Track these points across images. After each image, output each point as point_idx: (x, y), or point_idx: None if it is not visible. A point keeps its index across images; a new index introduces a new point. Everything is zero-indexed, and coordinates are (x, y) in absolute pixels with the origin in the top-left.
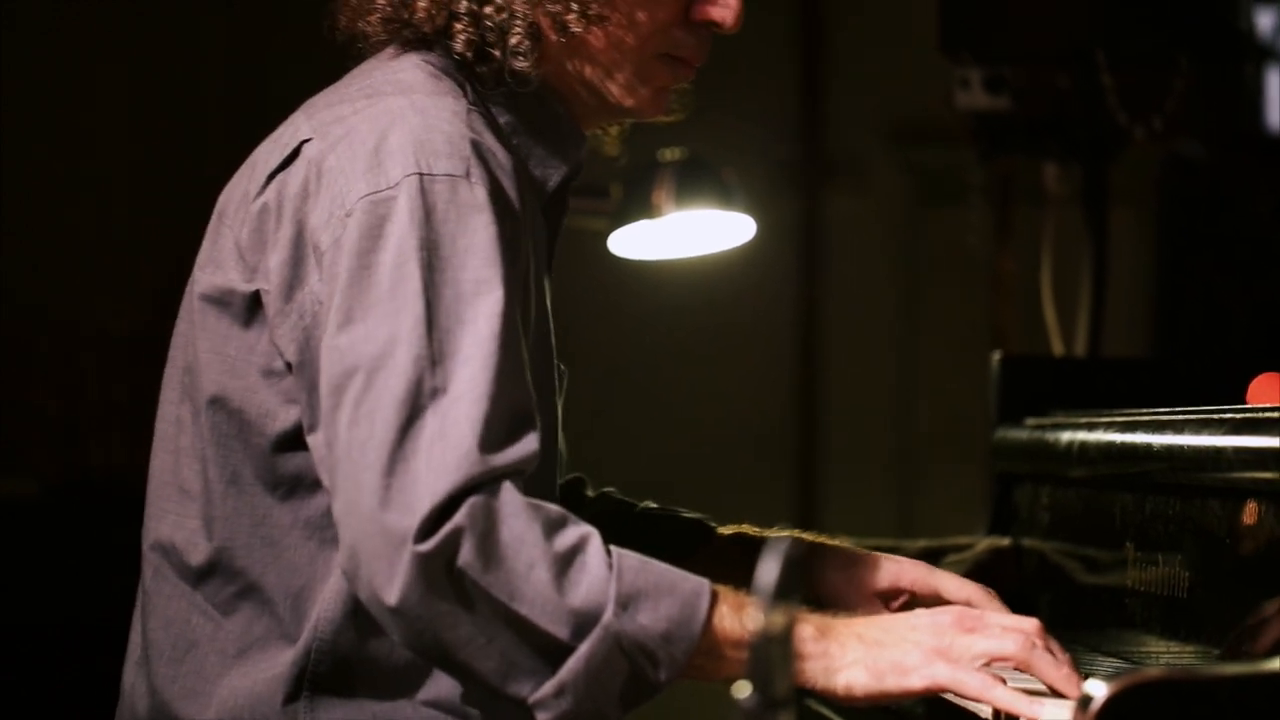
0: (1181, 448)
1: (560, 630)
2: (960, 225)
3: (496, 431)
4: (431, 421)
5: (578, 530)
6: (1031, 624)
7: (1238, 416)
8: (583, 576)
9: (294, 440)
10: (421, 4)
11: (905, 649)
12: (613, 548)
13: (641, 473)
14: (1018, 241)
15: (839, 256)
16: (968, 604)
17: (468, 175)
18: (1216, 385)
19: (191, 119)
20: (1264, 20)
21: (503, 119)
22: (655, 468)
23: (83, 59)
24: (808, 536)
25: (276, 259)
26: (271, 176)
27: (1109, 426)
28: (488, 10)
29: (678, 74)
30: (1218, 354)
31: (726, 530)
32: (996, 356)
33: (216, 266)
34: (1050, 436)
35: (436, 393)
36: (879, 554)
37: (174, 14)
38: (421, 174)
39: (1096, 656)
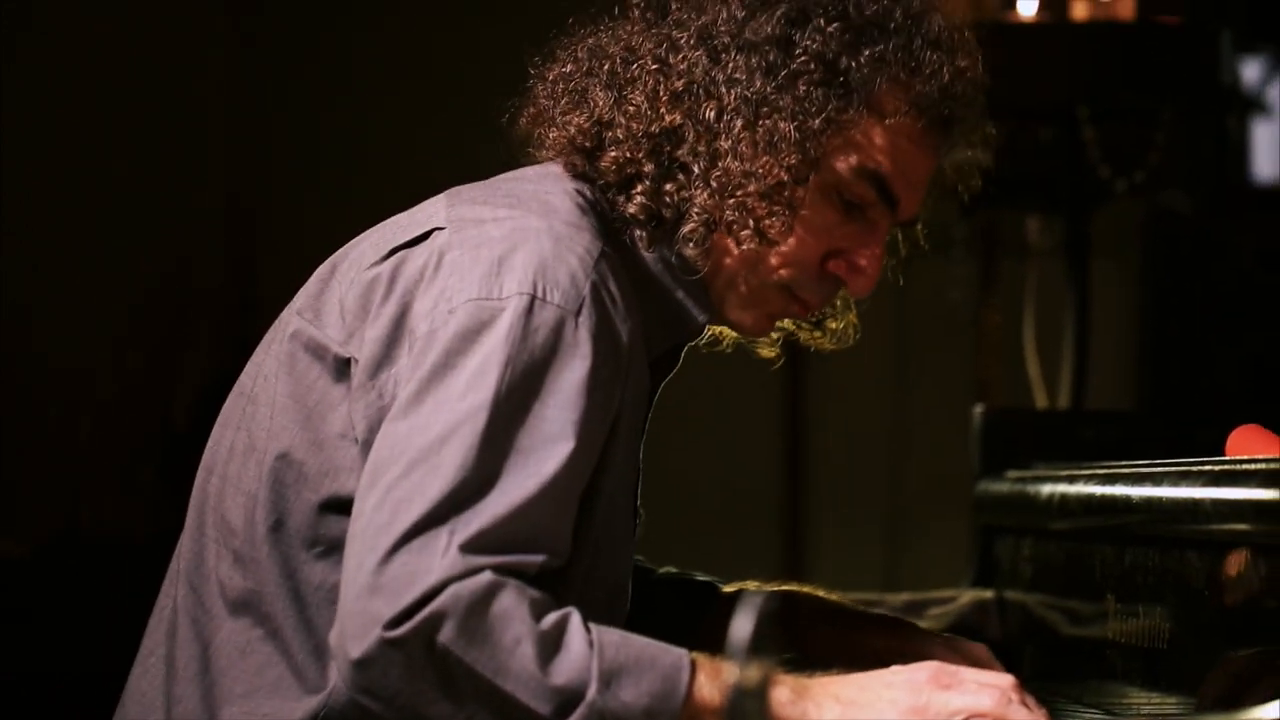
0: (1160, 500)
1: (543, 708)
2: (946, 279)
3: (498, 540)
4: (448, 534)
5: (559, 610)
6: (1006, 679)
7: (1215, 469)
8: (566, 654)
9: (344, 506)
10: (612, 153)
11: (882, 709)
12: (591, 624)
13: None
14: (1003, 294)
15: None
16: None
17: (578, 313)
18: (1200, 437)
19: (191, 207)
20: (1250, 71)
21: (639, 268)
22: (645, 526)
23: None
24: (806, 591)
25: (374, 333)
26: (395, 250)
27: (1089, 479)
28: (669, 186)
29: (790, 310)
30: (1203, 405)
31: (730, 588)
32: (978, 410)
33: (316, 315)
34: (1031, 489)
35: (466, 508)
36: (887, 617)
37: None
38: (535, 296)
39: (1079, 708)
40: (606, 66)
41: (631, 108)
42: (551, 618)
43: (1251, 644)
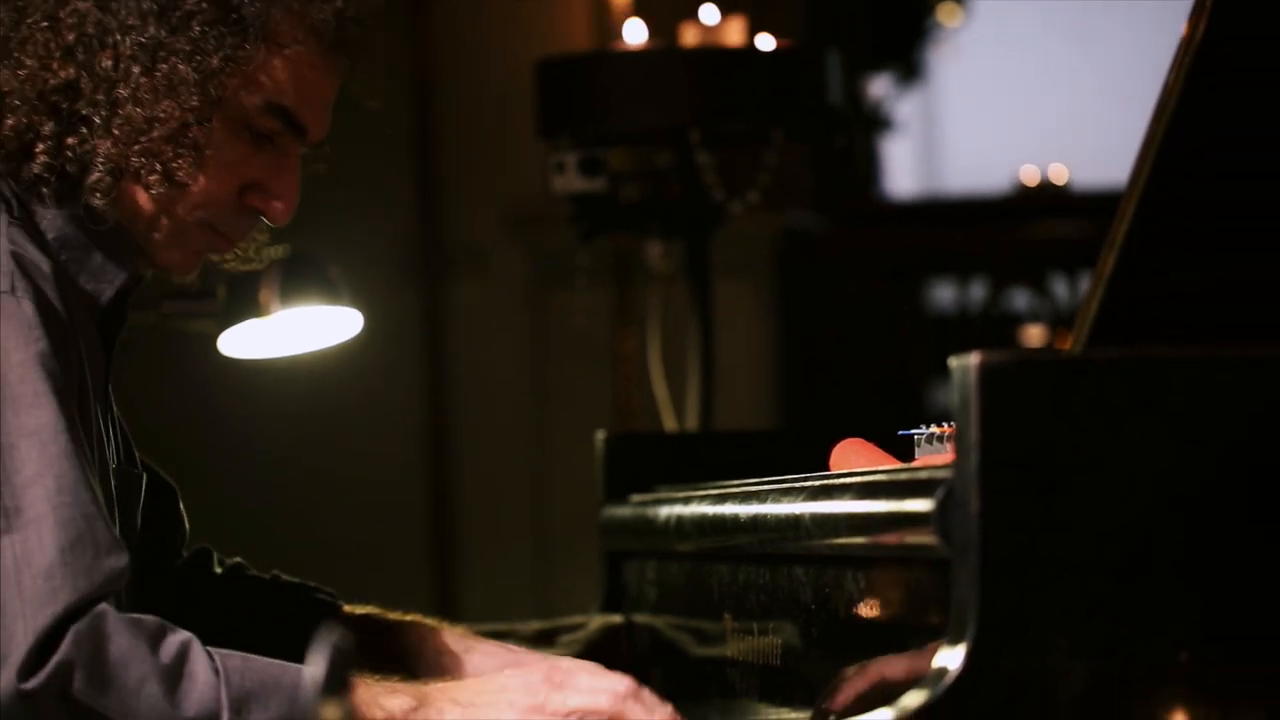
0: (765, 517)
1: None
2: (575, 306)
3: (82, 552)
4: (9, 547)
5: (178, 638)
6: (623, 679)
7: (814, 484)
8: (193, 686)
9: None
10: (9, 120)
11: (500, 709)
12: (213, 651)
13: (270, 571)
14: (637, 320)
15: (464, 344)
16: None
17: (13, 290)
18: (824, 453)
19: None
20: (879, 88)
21: (54, 233)
22: (286, 567)
23: None
24: (430, 622)
25: None
26: None
27: (702, 500)
28: (70, 140)
29: (215, 245)
30: (832, 423)
31: (357, 610)
32: (600, 436)
33: None
34: (650, 512)
35: (9, 514)
36: (497, 645)
37: None
38: None
39: None
40: None
41: (24, 71)
42: (171, 647)
43: (856, 656)
